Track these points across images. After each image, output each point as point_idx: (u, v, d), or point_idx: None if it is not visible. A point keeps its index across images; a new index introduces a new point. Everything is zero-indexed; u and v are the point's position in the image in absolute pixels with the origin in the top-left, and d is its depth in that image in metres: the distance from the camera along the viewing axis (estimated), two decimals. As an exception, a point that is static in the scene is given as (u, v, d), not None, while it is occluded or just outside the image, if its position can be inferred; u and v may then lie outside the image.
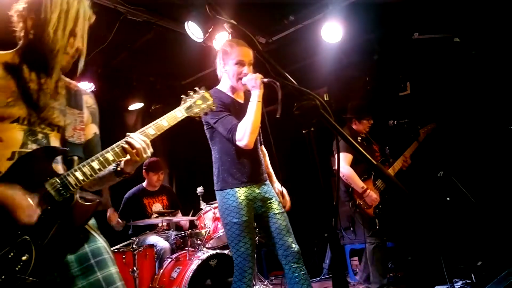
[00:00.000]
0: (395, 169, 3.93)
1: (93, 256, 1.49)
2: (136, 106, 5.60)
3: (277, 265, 5.55)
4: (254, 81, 2.39)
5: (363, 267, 4.24)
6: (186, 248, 3.79)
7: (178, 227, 4.91)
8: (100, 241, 1.56)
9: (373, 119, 4.06)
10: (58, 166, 1.53)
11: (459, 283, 3.71)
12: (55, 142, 1.52)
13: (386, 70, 4.93)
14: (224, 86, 2.62)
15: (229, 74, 2.54)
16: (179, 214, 4.68)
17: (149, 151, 1.62)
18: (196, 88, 1.87)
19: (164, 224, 4.34)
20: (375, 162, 1.28)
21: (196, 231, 3.99)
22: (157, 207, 4.51)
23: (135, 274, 3.46)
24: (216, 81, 2.69)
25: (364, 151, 1.26)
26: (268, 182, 2.64)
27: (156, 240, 4.08)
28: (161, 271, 3.73)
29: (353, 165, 3.81)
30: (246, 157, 2.50)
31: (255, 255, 4.20)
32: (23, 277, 1.29)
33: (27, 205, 1.35)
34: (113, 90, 5.36)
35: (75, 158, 1.59)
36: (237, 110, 2.53)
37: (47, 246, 1.36)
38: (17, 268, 1.29)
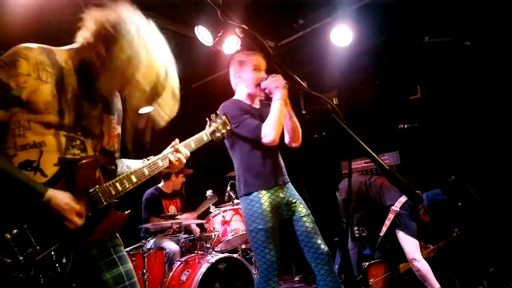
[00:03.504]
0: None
1: (115, 252, 1.59)
2: (146, 109, 5.64)
3: (286, 270, 5.53)
4: (277, 82, 2.44)
5: None
6: (195, 252, 3.80)
7: (187, 231, 4.93)
8: (119, 239, 1.67)
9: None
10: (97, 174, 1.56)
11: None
12: (90, 149, 1.55)
13: (396, 74, 4.90)
14: (241, 95, 2.68)
15: (247, 81, 2.60)
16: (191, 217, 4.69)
17: None
18: (218, 112, 1.96)
19: (175, 227, 4.35)
20: (386, 166, 1.26)
21: (205, 234, 3.99)
22: (171, 209, 4.56)
23: (145, 277, 3.47)
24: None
25: (374, 154, 1.24)
26: (290, 184, 2.64)
27: (166, 243, 4.09)
28: (171, 274, 3.73)
29: None
30: (267, 160, 2.52)
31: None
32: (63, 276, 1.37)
33: (77, 212, 1.39)
34: (122, 93, 5.40)
35: (112, 167, 1.64)
36: (255, 116, 2.55)
37: (83, 251, 1.46)
38: (58, 269, 1.36)
